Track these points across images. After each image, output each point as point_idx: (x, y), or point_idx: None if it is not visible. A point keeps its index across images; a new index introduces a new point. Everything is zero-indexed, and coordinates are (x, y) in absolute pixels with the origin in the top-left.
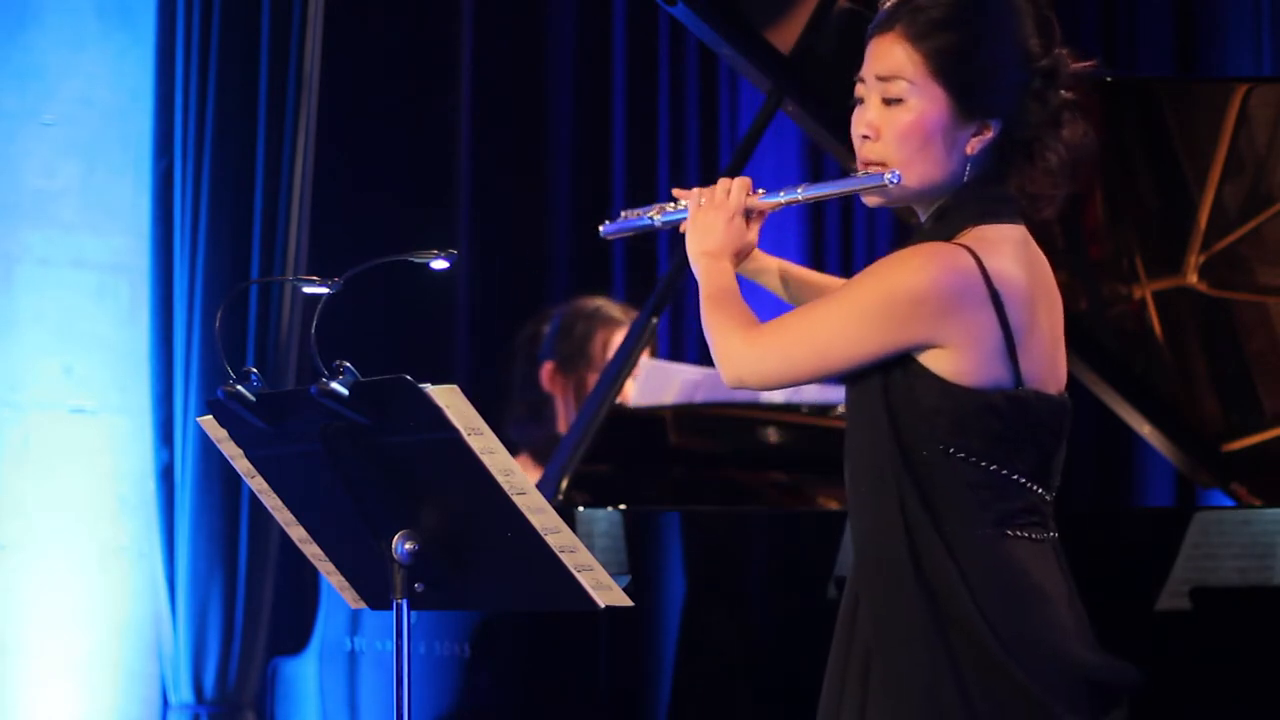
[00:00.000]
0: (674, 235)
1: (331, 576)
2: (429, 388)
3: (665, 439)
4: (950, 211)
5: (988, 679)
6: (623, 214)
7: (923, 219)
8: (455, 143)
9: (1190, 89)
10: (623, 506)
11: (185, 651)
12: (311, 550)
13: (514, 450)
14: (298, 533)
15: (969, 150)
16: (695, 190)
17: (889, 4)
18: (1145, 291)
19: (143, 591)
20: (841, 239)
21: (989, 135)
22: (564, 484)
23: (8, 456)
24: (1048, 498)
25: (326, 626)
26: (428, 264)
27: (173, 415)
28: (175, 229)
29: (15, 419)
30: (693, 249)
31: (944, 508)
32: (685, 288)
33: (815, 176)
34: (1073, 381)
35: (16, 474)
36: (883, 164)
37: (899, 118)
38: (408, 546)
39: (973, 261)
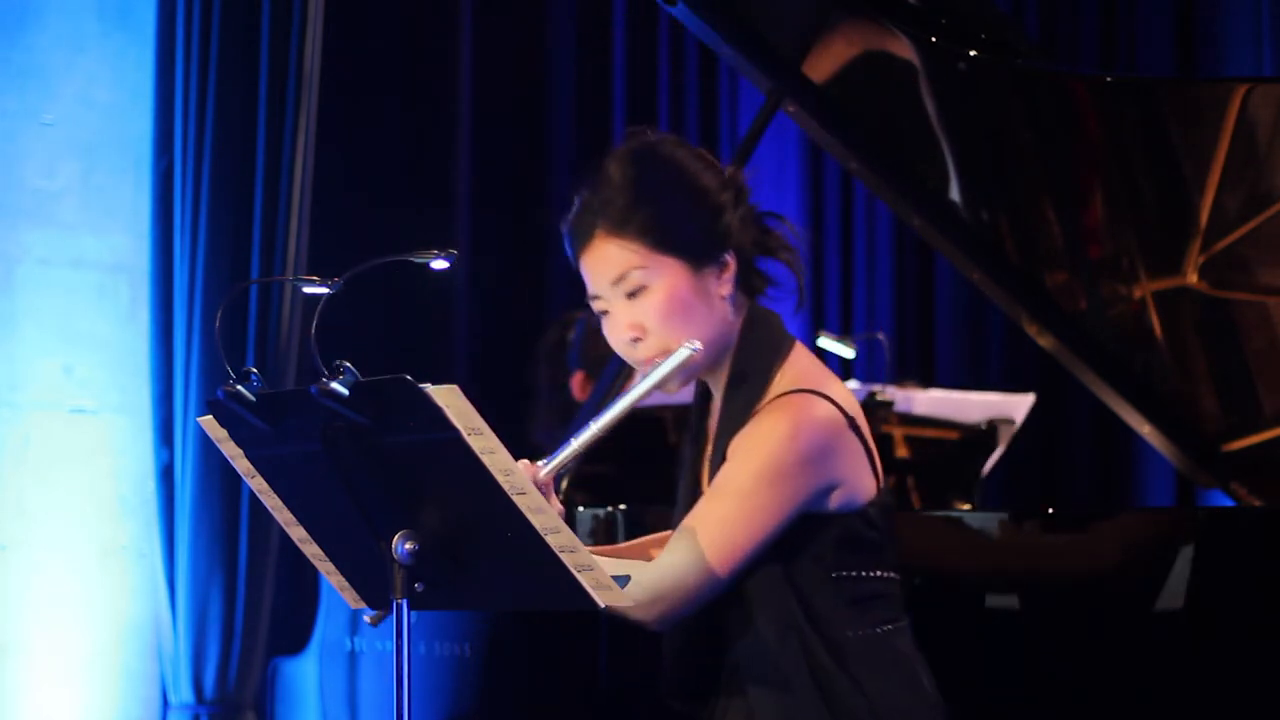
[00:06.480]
0: None
1: (331, 576)
2: (429, 388)
3: (665, 439)
4: (750, 366)
5: None
6: None
7: (720, 384)
8: (455, 143)
9: (1190, 89)
10: (623, 506)
11: (185, 651)
12: (311, 550)
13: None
14: (298, 533)
15: (723, 293)
16: None
17: (569, 223)
18: (1145, 291)
19: (143, 591)
20: (841, 206)
21: (731, 269)
22: (564, 484)
23: (8, 456)
24: (898, 579)
25: (326, 626)
26: (428, 264)
27: (173, 415)
28: (175, 229)
29: (15, 419)
30: None
31: (829, 620)
32: None
33: (815, 175)
34: (1073, 381)
35: (16, 474)
36: (665, 352)
37: (651, 303)
38: (408, 546)
39: (825, 402)
